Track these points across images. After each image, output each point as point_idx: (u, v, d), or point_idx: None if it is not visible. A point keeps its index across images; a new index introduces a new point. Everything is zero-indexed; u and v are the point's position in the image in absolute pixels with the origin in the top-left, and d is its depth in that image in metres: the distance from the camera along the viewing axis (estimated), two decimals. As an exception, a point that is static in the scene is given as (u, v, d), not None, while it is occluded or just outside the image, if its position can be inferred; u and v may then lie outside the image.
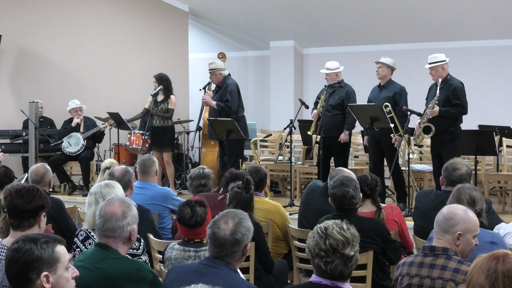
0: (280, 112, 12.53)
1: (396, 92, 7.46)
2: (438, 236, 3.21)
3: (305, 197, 5.25)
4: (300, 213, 5.33)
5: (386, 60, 7.59)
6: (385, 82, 7.59)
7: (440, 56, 7.01)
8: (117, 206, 3.20)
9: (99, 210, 3.25)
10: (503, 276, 2.20)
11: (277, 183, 9.75)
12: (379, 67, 7.59)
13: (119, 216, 3.16)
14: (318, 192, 5.13)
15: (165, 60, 11.59)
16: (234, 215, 3.08)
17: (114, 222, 3.14)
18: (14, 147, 9.40)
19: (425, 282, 3.12)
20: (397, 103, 7.38)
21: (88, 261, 3.14)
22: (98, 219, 3.19)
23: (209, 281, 2.72)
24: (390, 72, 7.62)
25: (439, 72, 6.95)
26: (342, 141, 7.81)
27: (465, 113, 6.94)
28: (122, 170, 4.82)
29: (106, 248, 3.15)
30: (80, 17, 10.75)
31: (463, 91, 6.92)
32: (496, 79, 11.18)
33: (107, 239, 3.16)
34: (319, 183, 5.33)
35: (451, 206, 3.31)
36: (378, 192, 4.75)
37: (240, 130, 7.88)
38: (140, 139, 9.25)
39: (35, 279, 2.40)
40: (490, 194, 8.33)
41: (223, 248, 2.97)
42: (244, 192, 4.46)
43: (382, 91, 7.57)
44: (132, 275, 3.08)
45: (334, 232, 2.76)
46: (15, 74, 10.13)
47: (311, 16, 11.62)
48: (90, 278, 3.06)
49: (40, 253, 2.42)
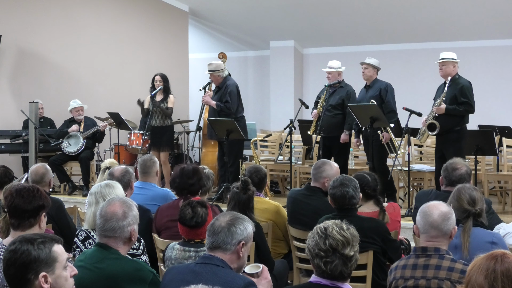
0: (280, 112, 12.54)
1: (382, 88, 7.56)
2: (433, 240, 3.20)
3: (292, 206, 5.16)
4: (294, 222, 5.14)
5: (371, 61, 7.67)
6: (371, 82, 7.68)
7: (452, 55, 7.04)
8: (118, 206, 3.20)
9: (99, 210, 3.25)
10: (502, 276, 2.20)
11: (277, 183, 9.75)
12: (364, 67, 7.67)
13: (120, 216, 3.17)
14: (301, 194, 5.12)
15: (165, 60, 11.59)
16: (237, 214, 3.14)
17: (115, 222, 3.14)
18: (14, 147, 9.40)
19: (420, 283, 3.12)
20: (384, 99, 7.49)
21: (88, 261, 3.14)
22: (99, 219, 3.19)
23: (205, 280, 2.73)
24: (376, 72, 7.72)
25: (449, 69, 6.96)
26: (342, 141, 7.82)
27: (472, 111, 6.96)
28: (122, 170, 4.82)
29: (106, 248, 3.15)
30: (80, 17, 10.75)
31: (471, 90, 6.95)
32: (496, 79, 11.18)
33: (107, 239, 3.16)
34: (295, 189, 5.38)
35: (435, 207, 3.26)
36: (379, 191, 4.75)
37: (240, 130, 7.88)
38: (140, 139, 9.25)
39: (33, 279, 2.40)
40: (490, 194, 8.33)
41: (216, 237, 2.99)
42: (242, 193, 4.47)
43: (368, 91, 7.69)
44: (132, 275, 3.08)
45: (334, 232, 2.76)
46: (15, 74, 10.13)
47: (311, 16, 11.63)
48: (90, 278, 3.07)
49: (37, 254, 2.41)
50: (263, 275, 3.11)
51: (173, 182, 4.78)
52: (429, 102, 7.14)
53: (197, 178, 4.74)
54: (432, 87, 7.57)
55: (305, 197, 5.00)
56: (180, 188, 4.74)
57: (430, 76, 11.59)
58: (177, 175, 4.76)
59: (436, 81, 11.84)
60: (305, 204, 4.94)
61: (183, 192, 4.71)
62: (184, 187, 4.70)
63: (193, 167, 4.79)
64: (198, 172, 4.78)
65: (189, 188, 4.70)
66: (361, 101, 7.64)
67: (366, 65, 7.66)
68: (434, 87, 7.47)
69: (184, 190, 4.70)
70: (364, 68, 7.67)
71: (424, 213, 3.24)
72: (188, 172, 4.72)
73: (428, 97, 10.85)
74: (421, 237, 3.24)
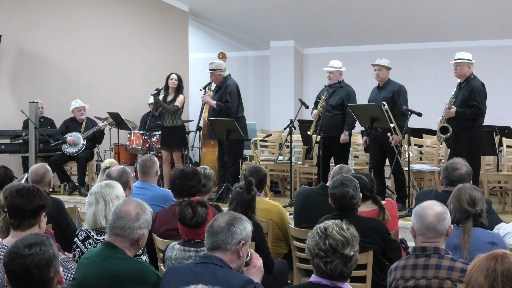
0: (280, 112, 12.54)
1: (395, 91, 7.47)
2: (430, 240, 3.19)
3: (302, 203, 5.17)
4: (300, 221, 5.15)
5: (384, 62, 7.57)
6: (384, 82, 7.60)
7: (468, 55, 6.97)
8: (133, 207, 3.22)
9: (114, 208, 3.27)
10: (502, 276, 2.20)
11: (277, 183, 9.75)
12: (378, 69, 7.56)
13: (133, 216, 3.18)
14: (314, 193, 5.11)
15: (165, 60, 11.60)
16: (234, 214, 3.13)
17: (126, 221, 3.16)
18: (14, 147, 9.40)
19: (420, 283, 3.12)
20: (396, 102, 7.39)
21: (94, 259, 3.15)
22: (112, 215, 3.21)
23: (204, 280, 2.73)
24: (388, 72, 7.62)
25: (464, 70, 6.90)
26: (342, 141, 7.81)
27: (480, 115, 6.86)
28: (119, 170, 4.81)
29: (113, 248, 3.16)
30: (80, 17, 10.75)
31: (481, 92, 6.84)
32: (496, 79, 11.17)
33: (115, 237, 3.17)
34: (307, 187, 5.33)
35: (429, 208, 3.24)
36: (376, 191, 4.75)
37: (240, 130, 7.88)
38: (140, 139, 9.25)
39: (53, 277, 2.44)
40: (490, 194, 8.33)
41: (216, 238, 2.98)
42: (245, 193, 4.46)
43: (381, 92, 7.58)
44: (136, 276, 3.09)
45: (334, 232, 2.76)
46: (15, 74, 10.13)
47: (311, 16, 11.63)
48: (94, 275, 3.08)
49: (52, 251, 2.45)
50: (252, 263, 3.10)
51: (173, 183, 4.77)
52: (429, 102, 7.19)
53: (197, 180, 4.73)
54: (432, 87, 7.59)
55: (320, 197, 4.97)
56: (179, 190, 4.72)
57: (430, 76, 11.63)
58: (176, 176, 4.74)
59: (436, 81, 11.86)
60: (319, 204, 4.90)
61: (182, 194, 4.70)
62: (183, 189, 4.69)
63: (193, 169, 4.78)
64: (198, 174, 4.77)
65: (189, 190, 4.68)
66: (373, 101, 7.54)
67: (379, 66, 7.55)
68: (434, 87, 7.49)
69: (183, 192, 4.69)
70: (378, 70, 7.54)
71: (419, 215, 3.23)
72: (188, 174, 4.71)
73: (428, 97, 10.89)
74: (418, 238, 3.23)
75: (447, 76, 9.46)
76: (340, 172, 4.96)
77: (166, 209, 4.72)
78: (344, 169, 5.07)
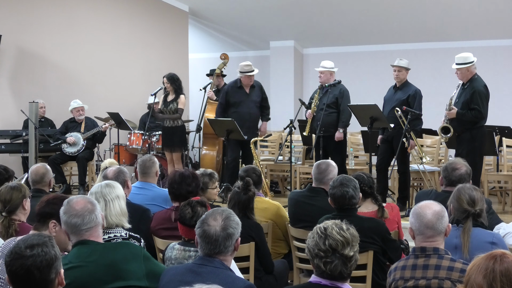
0: (280, 112, 12.52)
1: (410, 95, 7.36)
2: (429, 240, 3.19)
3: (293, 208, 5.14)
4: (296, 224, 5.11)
5: (403, 63, 7.46)
6: (401, 84, 7.51)
7: (468, 57, 6.88)
8: (81, 202, 3.19)
9: (68, 213, 3.17)
10: (501, 276, 2.20)
11: (277, 183, 9.75)
12: (398, 70, 7.45)
13: (90, 207, 3.17)
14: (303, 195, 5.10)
15: (165, 60, 11.59)
16: (221, 211, 3.09)
17: (89, 214, 3.14)
18: (14, 147, 9.40)
19: (420, 283, 3.12)
20: (411, 105, 7.27)
21: (76, 260, 3.10)
22: (74, 219, 3.13)
23: (205, 281, 2.73)
24: (407, 73, 7.53)
25: (465, 74, 6.86)
26: (337, 139, 7.82)
27: (481, 118, 6.81)
28: (115, 171, 4.78)
29: (88, 243, 3.14)
30: (80, 17, 10.75)
31: (483, 95, 6.79)
32: (496, 79, 11.16)
33: (89, 233, 3.15)
34: (296, 191, 5.35)
35: (427, 207, 3.24)
36: (377, 190, 4.75)
37: (240, 130, 7.89)
38: (140, 139, 9.25)
39: (54, 278, 2.43)
40: (490, 194, 8.33)
41: (216, 244, 2.97)
42: (242, 193, 4.46)
43: (397, 93, 7.50)
44: (127, 255, 3.12)
45: (334, 233, 2.76)
46: (15, 74, 10.14)
47: (311, 16, 11.63)
48: (86, 273, 3.05)
49: (54, 252, 2.45)
50: None
51: (171, 187, 4.72)
52: (429, 102, 7.17)
53: (196, 184, 4.71)
54: (432, 87, 7.58)
55: (308, 199, 4.97)
56: (177, 194, 4.67)
57: (430, 76, 11.61)
58: (175, 180, 4.69)
59: (436, 81, 11.86)
60: (308, 206, 4.91)
61: (179, 199, 4.63)
62: (181, 193, 4.64)
63: (192, 173, 4.75)
64: (197, 178, 4.75)
65: (187, 195, 4.61)
66: (388, 101, 7.52)
67: (398, 67, 7.45)
68: (434, 87, 7.48)
69: (181, 196, 4.63)
70: (398, 71, 7.44)
71: (417, 215, 3.22)
72: (187, 178, 4.67)
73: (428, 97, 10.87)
74: (417, 238, 3.23)
75: (447, 76, 9.47)
76: (318, 170, 4.98)
77: (162, 212, 4.70)
78: (323, 165, 5.05)
